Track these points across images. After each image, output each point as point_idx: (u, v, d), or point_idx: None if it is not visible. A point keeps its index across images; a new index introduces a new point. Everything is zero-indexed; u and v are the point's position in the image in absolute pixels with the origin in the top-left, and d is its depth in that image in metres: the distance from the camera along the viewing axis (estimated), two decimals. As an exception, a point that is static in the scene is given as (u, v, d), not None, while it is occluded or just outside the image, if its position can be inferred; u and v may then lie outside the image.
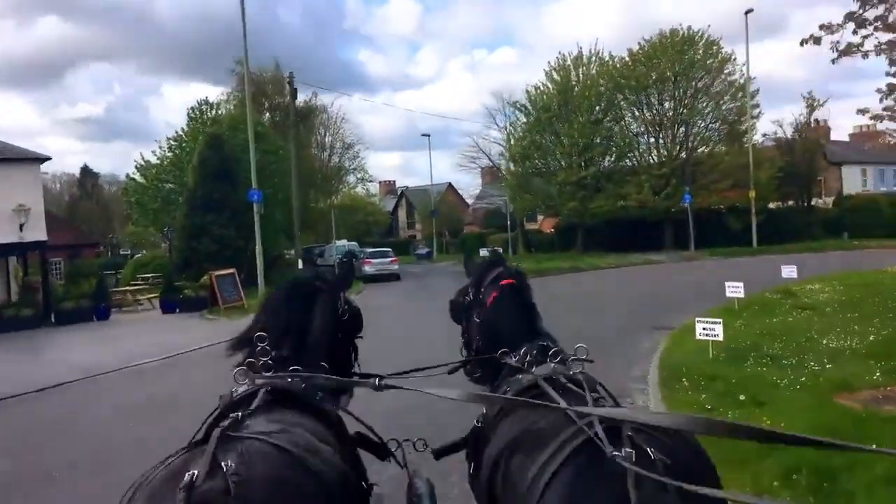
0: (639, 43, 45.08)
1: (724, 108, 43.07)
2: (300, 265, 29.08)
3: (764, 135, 44.99)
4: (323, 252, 45.17)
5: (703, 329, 10.59)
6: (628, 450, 1.93)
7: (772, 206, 44.73)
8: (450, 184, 77.70)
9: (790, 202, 46.49)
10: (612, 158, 46.14)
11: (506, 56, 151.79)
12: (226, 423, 2.17)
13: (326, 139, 54.71)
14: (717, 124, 43.70)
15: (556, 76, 46.71)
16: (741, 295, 16.01)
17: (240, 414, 2.26)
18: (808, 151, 43.82)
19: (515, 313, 3.11)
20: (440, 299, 4.77)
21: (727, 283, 15.98)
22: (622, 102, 45.46)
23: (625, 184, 43.32)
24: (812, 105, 43.28)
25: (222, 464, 1.92)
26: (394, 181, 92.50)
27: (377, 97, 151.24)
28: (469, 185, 75.03)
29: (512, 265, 3.38)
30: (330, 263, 36.06)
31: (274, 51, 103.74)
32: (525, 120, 48.82)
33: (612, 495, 1.86)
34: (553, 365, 2.70)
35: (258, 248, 26.06)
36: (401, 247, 63.03)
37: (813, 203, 45.60)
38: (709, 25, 46.93)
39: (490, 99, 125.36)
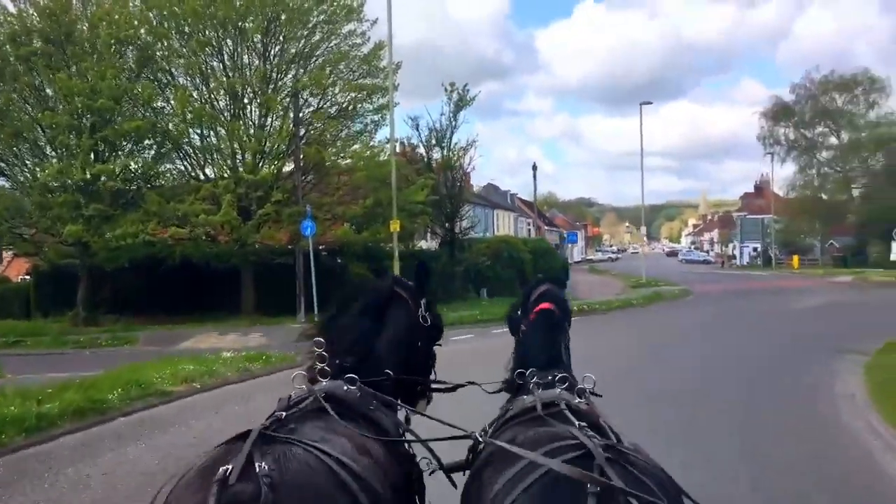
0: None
1: (347, 82, 26.31)
2: None
3: (396, 140, 29.08)
4: None
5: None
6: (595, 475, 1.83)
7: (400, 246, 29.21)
8: None
9: (417, 243, 31.92)
10: (155, 149, 25.24)
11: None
12: (267, 422, 2.14)
13: None
14: (335, 110, 26.69)
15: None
16: None
17: (283, 414, 2.21)
18: (454, 170, 29.81)
19: (541, 339, 2.95)
20: None
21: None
22: (172, 54, 25.32)
23: (185, 196, 22.92)
24: (461, 101, 29.31)
25: (256, 464, 1.80)
26: None
27: None
28: None
29: (558, 288, 3.22)
30: None
31: None
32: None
33: None
34: (558, 391, 2.54)
35: None
36: None
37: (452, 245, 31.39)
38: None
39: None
